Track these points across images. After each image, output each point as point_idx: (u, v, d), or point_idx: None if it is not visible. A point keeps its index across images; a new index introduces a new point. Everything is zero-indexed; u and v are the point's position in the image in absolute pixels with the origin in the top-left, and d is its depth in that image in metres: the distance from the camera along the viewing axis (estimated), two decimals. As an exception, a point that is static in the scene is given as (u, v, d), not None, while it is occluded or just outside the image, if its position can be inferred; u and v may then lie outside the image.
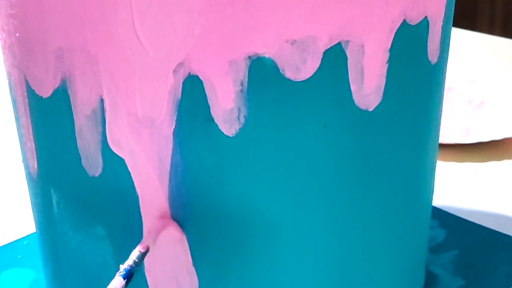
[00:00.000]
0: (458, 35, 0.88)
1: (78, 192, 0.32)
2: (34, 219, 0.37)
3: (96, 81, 0.29)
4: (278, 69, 0.28)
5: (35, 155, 0.34)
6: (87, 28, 0.28)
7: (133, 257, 0.30)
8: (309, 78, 0.29)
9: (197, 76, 0.28)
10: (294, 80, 0.29)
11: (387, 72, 0.30)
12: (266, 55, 0.28)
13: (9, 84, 0.34)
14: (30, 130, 0.33)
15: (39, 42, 0.30)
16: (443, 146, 0.58)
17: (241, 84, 0.28)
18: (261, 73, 0.28)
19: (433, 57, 0.33)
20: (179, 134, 0.29)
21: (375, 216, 0.33)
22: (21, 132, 0.34)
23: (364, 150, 0.31)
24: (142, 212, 0.31)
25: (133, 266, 0.29)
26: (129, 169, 0.31)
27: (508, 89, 0.65)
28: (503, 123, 0.60)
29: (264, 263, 0.32)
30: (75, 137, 0.31)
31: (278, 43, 0.28)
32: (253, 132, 0.29)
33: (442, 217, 0.49)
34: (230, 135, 0.29)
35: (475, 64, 0.71)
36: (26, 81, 0.32)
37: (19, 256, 0.46)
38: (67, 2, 0.28)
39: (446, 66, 0.36)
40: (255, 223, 0.31)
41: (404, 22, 0.30)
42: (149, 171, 0.30)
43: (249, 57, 0.28)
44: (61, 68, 0.30)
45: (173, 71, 0.28)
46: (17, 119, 0.35)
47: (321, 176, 0.31)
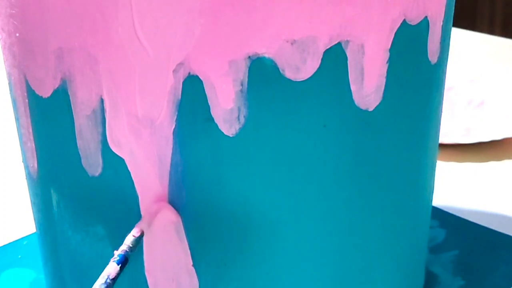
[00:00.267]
0: (458, 35, 0.88)
1: (78, 192, 0.32)
2: (34, 219, 0.37)
3: (96, 81, 0.29)
4: (278, 69, 0.28)
5: (35, 155, 0.34)
6: (87, 28, 0.28)
7: (127, 243, 0.29)
8: (309, 78, 0.29)
9: (197, 76, 0.28)
10: (294, 80, 0.29)
11: (387, 72, 0.30)
12: (266, 55, 0.28)
13: (9, 84, 0.34)
14: (30, 130, 0.33)
15: (39, 42, 0.30)
16: (443, 146, 0.58)
17: (241, 84, 0.28)
18: (261, 73, 0.28)
19: (433, 57, 0.33)
20: (179, 134, 0.29)
21: (375, 216, 0.33)
22: (21, 132, 0.34)
23: (364, 150, 0.31)
24: (142, 212, 0.31)
25: (128, 252, 0.29)
26: (129, 169, 0.31)
27: (508, 89, 0.65)
28: (503, 123, 0.60)
29: (264, 263, 0.32)
30: (75, 137, 0.31)
31: (278, 43, 0.28)
32: (253, 132, 0.29)
33: (442, 217, 0.49)
34: (230, 135, 0.29)
35: (475, 64, 0.70)
36: (26, 81, 0.32)
37: (19, 256, 0.46)
38: (67, 2, 0.28)
39: (446, 66, 0.36)
40: (255, 223, 0.31)
41: (404, 22, 0.30)
42: (149, 171, 0.30)
43: (249, 57, 0.28)
44: (61, 68, 0.30)
45: (173, 71, 0.28)
46: (17, 119, 0.35)
47: (321, 176, 0.31)
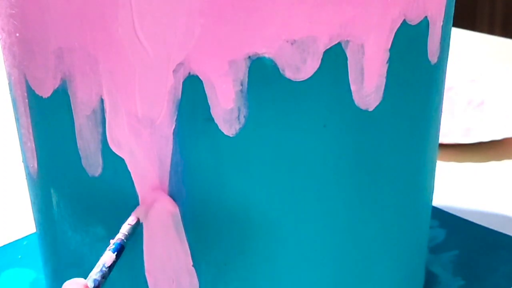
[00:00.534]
0: (458, 35, 0.88)
1: (78, 192, 0.32)
2: (34, 219, 0.37)
3: (96, 81, 0.29)
4: (278, 69, 0.28)
5: (35, 155, 0.34)
6: (87, 28, 0.28)
7: (123, 231, 0.29)
8: (309, 78, 0.29)
9: (197, 76, 0.28)
10: (294, 80, 0.29)
11: (387, 72, 0.30)
12: (266, 55, 0.28)
13: (9, 84, 0.34)
14: (30, 130, 0.33)
15: (39, 42, 0.30)
16: (443, 146, 0.58)
17: (241, 84, 0.28)
18: (261, 73, 0.28)
19: (433, 57, 0.33)
20: (179, 134, 0.29)
21: (375, 216, 0.33)
22: (21, 132, 0.34)
23: (364, 150, 0.31)
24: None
25: (124, 240, 0.29)
26: (129, 169, 0.31)
27: (508, 89, 0.65)
28: (503, 123, 0.60)
29: (264, 263, 0.32)
30: (75, 137, 0.31)
31: (278, 43, 0.28)
32: (253, 132, 0.29)
33: (442, 217, 0.49)
34: (230, 135, 0.29)
35: (475, 64, 0.70)
36: (26, 81, 0.32)
37: (19, 256, 0.46)
38: (67, 2, 0.28)
39: (446, 66, 0.36)
40: (255, 223, 0.31)
41: (404, 22, 0.30)
42: (149, 171, 0.30)
43: (249, 57, 0.28)
44: (61, 68, 0.30)
45: (173, 71, 0.28)
46: (17, 119, 0.35)
47: (321, 176, 0.31)
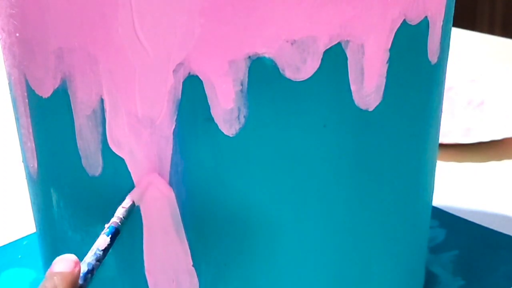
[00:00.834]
0: (458, 35, 0.88)
1: (78, 192, 0.32)
2: (34, 219, 0.37)
3: (96, 81, 0.29)
4: (278, 69, 0.28)
5: (35, 155, 0.34)
6: (87, 28, 0.28)
7: (118, 215, 0.29)
8: (309, 78, 0.29)
9: (197, 76, 0.28)
10: (294, 80, 0.29)
11: (387, 72, 0.30)
12: (266, 55, 0.28)
13: (9, 84, 0.34)
14: (30, 130, 0.33)
15: (39, 42, 0.30)
16: (443, 146, 0.58)
17: (241, 84, 0.28)
18: (261, 73, 0.28)
19: (433, 57, 0.33)
20: (179, 134, 0.29)
21: (375, 216, 0.33)
22: (21, 132, 0.34)
23: (364, 150, 0.31)
24: (142, 212, 0.31)
25: (119, 224, 0.29)
26: (129, 169, 0.31)
27: (508, 89, 0.65)
28: (503, 123, 0.60)
29: (264, 263, 0.32)
30: (75, 137, 0.31)
31: (278, 43, 0.28)
32: (253, 132, 0.29)
33: (442, 217, 0.49)
34: (230, 135, 0.29)
35: (475, 64, 0.70)
36: (26, 81, 0.32)
37: (19, 256, 0.46)
38: (67, 2, 0.28)
39: (446, 66, 0.36)
40: (255, 223, 0.31)
41: (404, 22, 0.30)
42: (149, 171, 0.30)
43: (249, 57, 0.28)
44: (61, 68, 0.30)
45: (173, 71, 0.28)
46: (17, 119, 0.35)
47: (321, 176, 0.31)
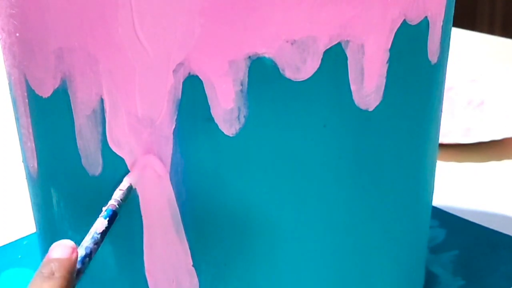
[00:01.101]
0: (458, 35, 0.88)
1: (78, 191, 0.32)
2: (34, 218, 0.37)
3: (96, 81, 0.29)
4: (278, 69, 0.28)
5: (35, 155, 0.34)
6: (87, 28, 0.28)
7: (116, 197, 0.29)
8: (309, 78, 0.29)
9: (197, 76, 0.28)
10: (294, 80, 0.29)
11: (387, 72, 0.30)
12: (266, 55, 0.28)
13: (9, 84, 0.34)
14: (30, 130, 0.33)
15: (39, 42, 0.30)
16: (443, 146, 0.58)
17: (241, 84, 0.28)
18: (261, 73, 0.28)
19: (433, 57, 0.33)
20: (179, 134, 0.29)
21: (375, 216, 0.33)
22: (21, 132, 0.34)
23: (364, 150, 0.31)
24: (142, 212, 0.31)
25: (116, 206, 0.29)
26: (129, 168, 0.31)
27: (508, 89, 0.65)
28: (503, 123, 0.60)
29: (264, 263, 0.32)
30: (75, 137, 0.31)
31: (278, 43, 0.28)
32: (253, 132, 0.29)
33: (442, 217, 0.49)
34: (230, 135, 0.29)
35: (475, 64, 0.70)
36: (26, 81, 0.32)
37: (19, 256, 0.46)
38: (67, 2, 0.28)
39: (446, 66, 0.36)
40: (255, 223, 0.31)
41: (404, 22, 0.30)
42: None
43: (249, 57, 0.28)
44: (61, 68, 0.30)
45: (173, 71, 0.28)
46: (17, 119, 0.35)
47: (321, 176, 0.31)
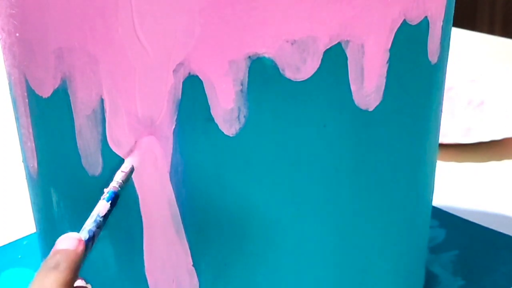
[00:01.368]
0: (458, 35, 0.88)
1: (78, 192, 0.32)
2: (34, 219, 0.37)
3: (96, 81, 0.29)
4: (278, 69, 0.28)
5: (35, 155, 0.34)
6: (87, 28, 0.28)
7: (117, 179, 0.29)
8: (309, 78, 0.29)
9: (197, 76, 0.28)
10: (294, 80, 0.29)
11: (387, 72, 0.30)
12: (266, 55, 0.28)
13: (9, 84, 0.34)
14: (30, 130, 0.33)
15: (39, 42, 0.30)
16: (443, 146, 0.58)
17: (241, 84, 0.28)
18: (261, 73, 0.28)
19: (433, 57, 0.33)
20: (179, 134, 0.29)
21: (375, 216, 0.33)
22: (21, 132, 0.34)
23: (364, 150, 0.31)
24: (142, 212, 0.31)
25: (118, 188, 0.29)
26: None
27: (508, 89, 0.65)
28: (503, 123, 0.60)
29: (264, 263, 0.32)
30: (75, 137, 0.31)
31: (278, 43, 0.28)
32: (253, 132, 0.29)
33: (442, 217, 0.49)
34: (230, 135, 0.29)
35: (475, 64, 0.71)
36: (26, 81, 0.32)
37: (19, 256, 0.46)
38: (67, 2, 0.28)
39: (446, 66, 0.36)
40: (255, 223, 0.31)
41: (404, 22, 0.30)
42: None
43: (249, 57, 0.28)
44: (61, 68, 0.30)
45: (173, 71, 0.28)
46: (17, 119, 0.35)
47: (321, 176, 0.31)
